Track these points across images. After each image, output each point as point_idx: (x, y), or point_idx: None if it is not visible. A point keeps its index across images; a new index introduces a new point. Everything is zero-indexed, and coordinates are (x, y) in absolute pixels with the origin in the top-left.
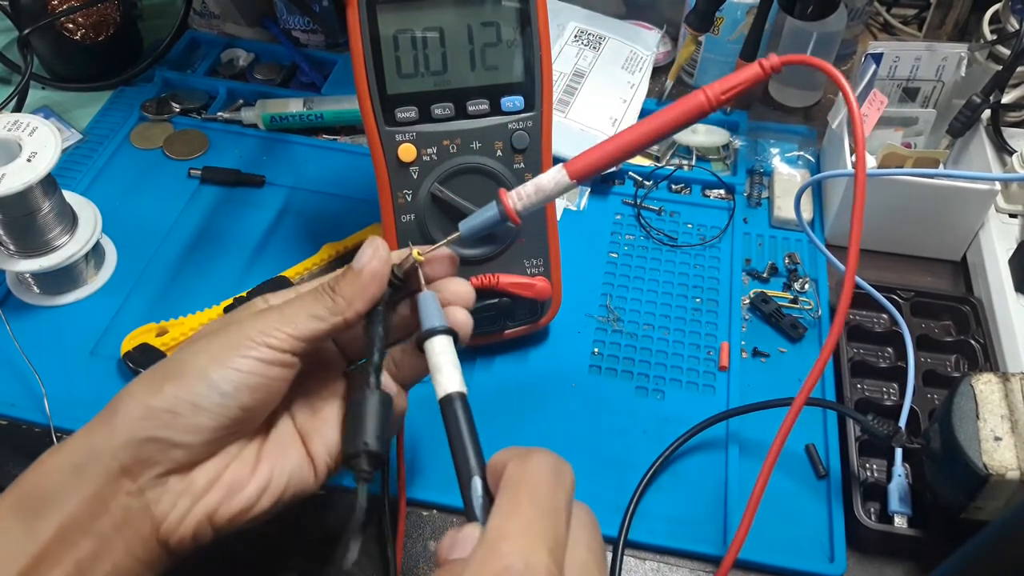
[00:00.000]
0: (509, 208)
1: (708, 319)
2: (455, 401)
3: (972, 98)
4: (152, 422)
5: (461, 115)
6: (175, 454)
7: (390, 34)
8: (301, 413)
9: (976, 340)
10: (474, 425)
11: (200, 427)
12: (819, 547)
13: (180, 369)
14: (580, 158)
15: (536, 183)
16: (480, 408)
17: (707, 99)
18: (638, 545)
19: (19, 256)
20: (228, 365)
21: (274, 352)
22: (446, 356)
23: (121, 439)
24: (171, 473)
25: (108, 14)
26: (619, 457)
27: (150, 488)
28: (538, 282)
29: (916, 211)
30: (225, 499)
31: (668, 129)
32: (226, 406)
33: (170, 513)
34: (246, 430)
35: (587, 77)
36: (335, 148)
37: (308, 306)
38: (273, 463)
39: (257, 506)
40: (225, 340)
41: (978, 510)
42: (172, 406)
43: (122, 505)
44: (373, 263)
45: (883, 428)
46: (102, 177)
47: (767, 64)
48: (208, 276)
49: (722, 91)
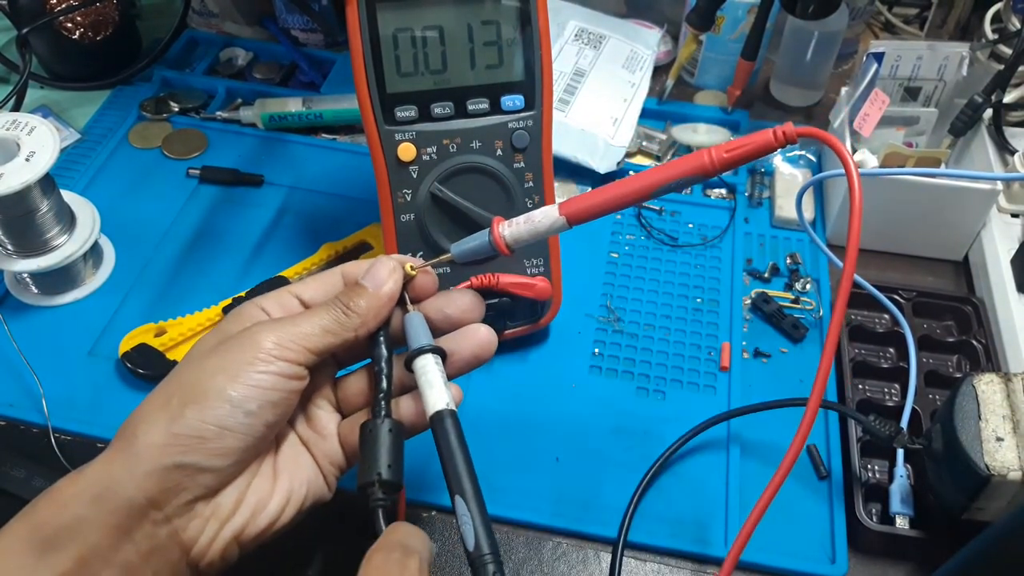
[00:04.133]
0: (498, 239)
1: (709, 319)
2: (445, 419)
3: (974, 98)
4: (177, 448)
5: (461, 114)
6: (204, 479)
7: (390, 33)
8: (299, 422)
9: (978, 340)
10: (464, 441)
11: (229, 450)
12: (821, 548)
13: (199, 391)
14: (576, 200)
15: (529, 218)
16: (480, 409)
17: (710, 161)
18: (638, 546)
19: (17, 256)
20: (247, 383)
21: (291, 366)
22: (434, 374)
23: (145, 468)
24: (199, 499)
25: (107, 13)
26: (619, 458)
27: (177, 516)
28: (538, 282)
29: (918, 211)
30: (252, 518)
31: (667, 184)
32: (252, 425)
33: (199, 538)
34: (267, 446)
35: (587, 76)
36: (334, 147)
37: (322, 320)
38: (291, 475)
39: (280, 519)
40: (240, 356)
41: (980, 511)
42: (197, 431)
43: (148, 534)
44: (390, 284)
45: (885, 429)
46: (100, 177)
47: (780, 133)
48: (207, 276)
49: (727, 152)
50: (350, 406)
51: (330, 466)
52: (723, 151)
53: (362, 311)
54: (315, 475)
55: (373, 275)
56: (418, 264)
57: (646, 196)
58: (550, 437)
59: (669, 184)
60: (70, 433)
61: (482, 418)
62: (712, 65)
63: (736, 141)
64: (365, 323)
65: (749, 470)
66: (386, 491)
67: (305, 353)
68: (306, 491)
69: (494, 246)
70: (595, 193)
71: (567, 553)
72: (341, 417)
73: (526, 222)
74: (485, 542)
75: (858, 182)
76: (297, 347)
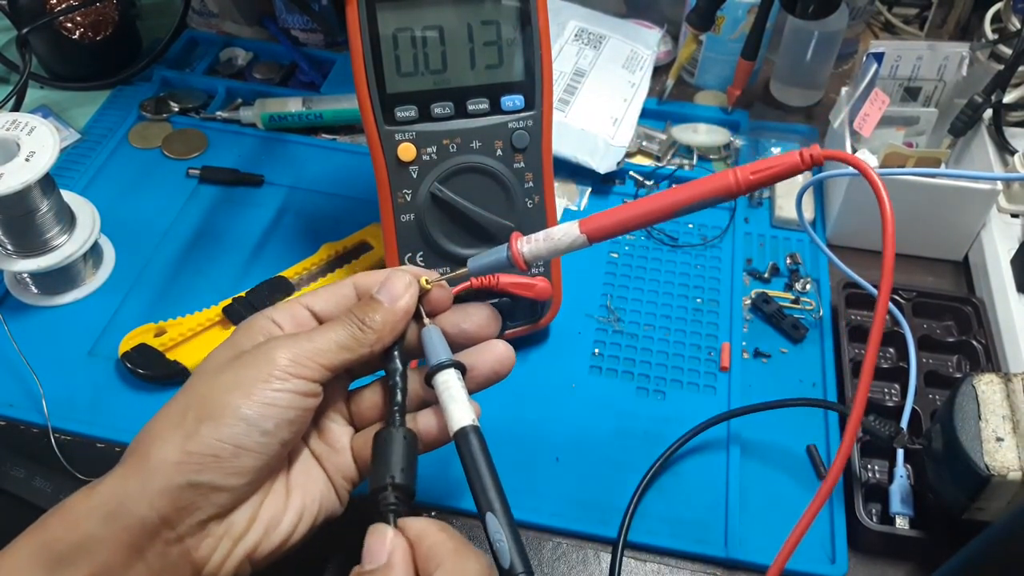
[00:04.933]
0: (517, 256)
1: (709, 319)
2: (469, 435)
3: (974, 98)
4: (191, 467)
5: (461, 114)
6: (218, 498)
7: (390, 33)
8: (311, 436)
9: (978, 340)
10: (490, 456)
11: (244, 468)
12: (820, 548)
13: (214, 408)
14: (596, 218)
15: (548, 235)
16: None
17: (735, 182)
18: (638, 546)
19: (17, 256)
20: (263, 400)
21: (307, 383)
22: (457, 389)
23: (158, 486)
24: (212, 518)
25: (107, 13)
26: (619, 458)
27: (190, 535)
28: (538, 282)
29: (917, 211)
30: (264, 536)
31: (691, 203)
32: (268, 444)
33: (211, 557)
34: (280, 464)
35: (588, 76)
36: (334, 147)
37: (337, 336)
38: (304, 491)
39: (293, 536)
40: (255, 372)
41: (980, 511)
42: (213, 450)
43: (159, 553)
44: (406, 299)
45: (885, 429)
46: (100, 176)
47: (808, 156)
48: (207, 276)
49: (753, 174)
50: (363, 420)
51: (342, 480)
52: (749, 172)
53: (378, 326)
54: (328, 490)
55: (388, 289)
56: (433, 278)
57: (669, 216)
58: (550, 437)
59: (692, 204)
60: (70, 433)
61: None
62: (712, 65)
63: (763, 162)
64: (381, 339)
65: (749, 470)
66: (399, 496)
67: (320, 370)
68: (319, 506)
69: (512, 262)
70: (617, 211)
71: (567, 553)
72: (354, 431)
73: (545, 239)
74: (519, 560)
75: (890, 209)
76: (313, 364)
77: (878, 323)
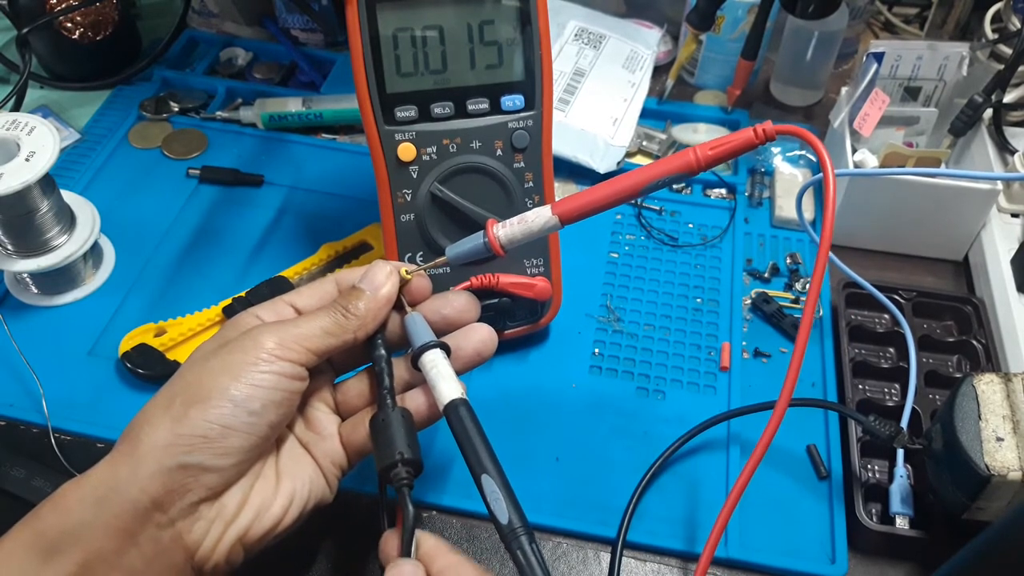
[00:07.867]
0: (493, 240)
1: (709, 319)
2: (459, 407)
3: (974, 97)
4: (181, 448)
5: (461, 114)
6: (208, 479)
7: (389, 33)
8: (298, 426)
9: (978, 340)
10: (479, 424)
11: (233, 449)
12: (820, 548)
13: (202, 391)
14: (568, 200)
15: (522, 218)
16: (480, 409)
17: (695, 159)
18: (638, 546)
19: (17, 256)
20: (250, 382)
21: (293, 366)
22: (444, 367)
23: (149, 469)
24: (203, 501)
25: (107, 13)
26: (619, 458)
27: (181, 518)
28: (538, 282)
29: (918, 211)
30: (255, 519)
31: (655, 181)
32: (256, 424)
33: (203, 540)
34: (269, 448)
35: (588, 76)
36: (334, 147)
37: (322, 322)
38: (293, 477)
39: (284, 521)
40: (242, 356)
41: (980, 511)
42: (202, 431)
43: (152, 537)
44: (388, 287)
45: (885, 429)
46: (100, 177)
47: (761, 131)
48: (207, 276)
49: (711, 149)
50: (349, 408)
51: (331, 466)
52: (707, 148)
53: (361, 313)
54: (317, 476)
55: (370, 279)
56: (412, 268)
57: (635, 194)
58: (550, 437)
59: (657, 181)
60: (70, 433)
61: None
62: (712, 65)
63: (719, 139)
64: (364, 325)
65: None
66: (409, 470)
67: (306, 353)
68: (308, 492)
69: (489, 247)
70: (586, 192)
71: (567, 553)
72: (340, 420)
73: (519, 222)
74: (516, 516)
75: (833, 181)
76: (298, 347)
77: (818, 272)
